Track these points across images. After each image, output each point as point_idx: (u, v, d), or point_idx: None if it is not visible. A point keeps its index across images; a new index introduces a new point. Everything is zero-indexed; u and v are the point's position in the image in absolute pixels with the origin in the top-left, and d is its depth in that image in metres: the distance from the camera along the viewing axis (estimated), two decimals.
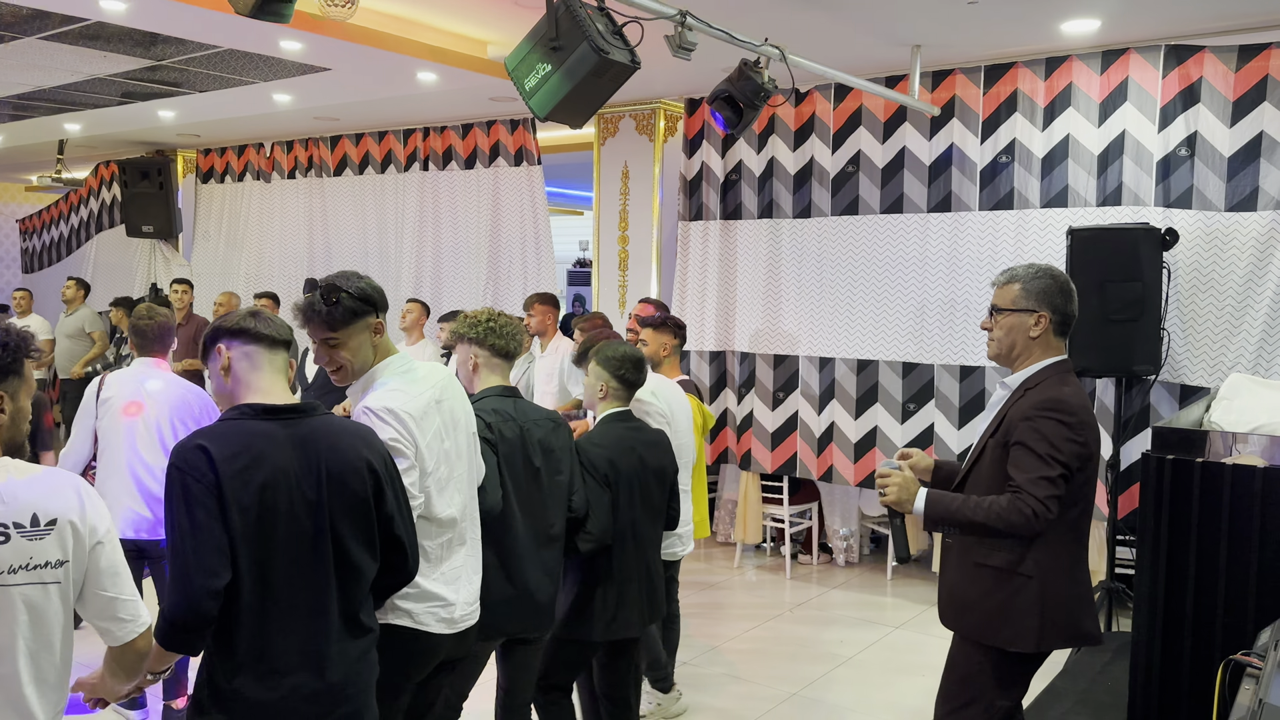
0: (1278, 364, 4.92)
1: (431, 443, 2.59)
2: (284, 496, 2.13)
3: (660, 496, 3.46)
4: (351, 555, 2.23)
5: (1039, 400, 2.68)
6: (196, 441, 2.08)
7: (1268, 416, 3.61)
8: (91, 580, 1.93)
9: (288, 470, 2.14)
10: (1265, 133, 4.92)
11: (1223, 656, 2.59)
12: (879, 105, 6.01)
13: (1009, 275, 2.86)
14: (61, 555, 1.86)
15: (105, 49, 5.76)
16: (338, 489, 2.20)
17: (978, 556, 2.74)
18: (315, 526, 2.17)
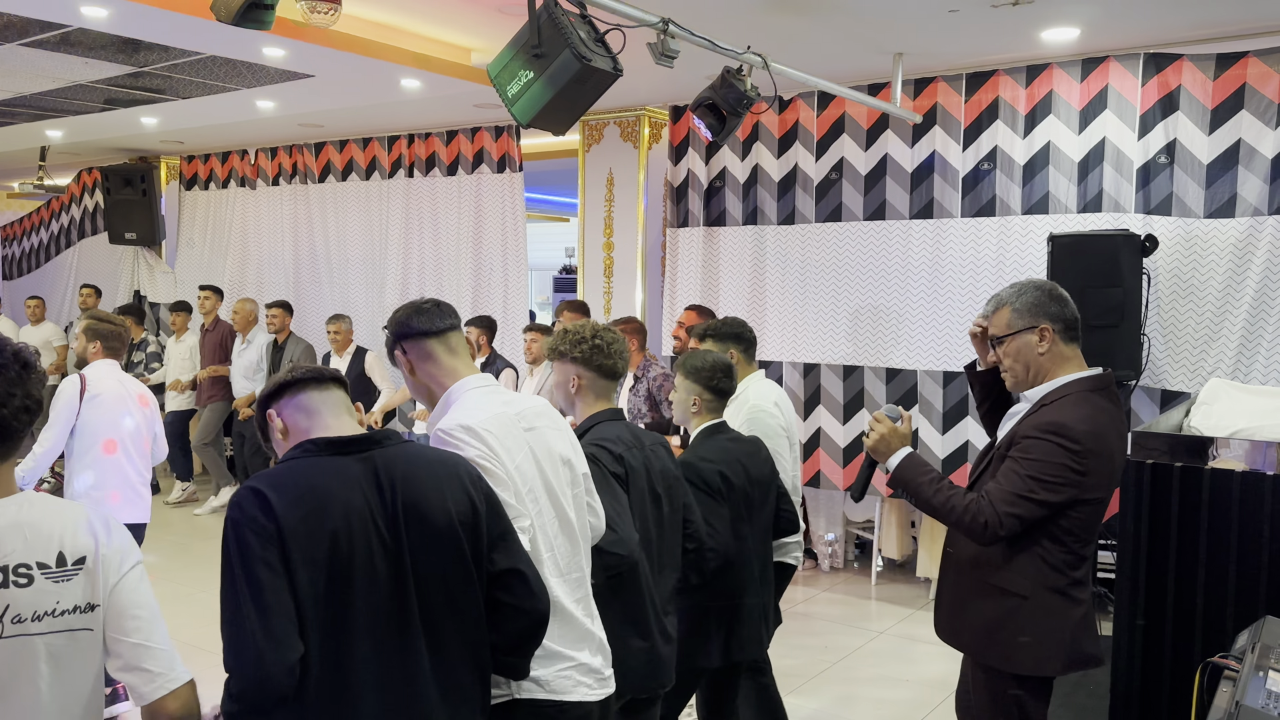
0: (1256, 369, 4.96)
1: (522, 465, 2.24)
2: (361, 544, 1.80)
3: (767, 506, 3.34)
4: (446, 606, 1.89)
5: (1046, 421, 2.58)
6: (252, 485, 1.79)
7: (1246, 421, 3.64)
8: (114, 623, 1.67)
9: (362, 512, 1.82)
10: (1243, 140, 4.97)
11: (1201, 659, 2.61)
12: (862, 113, 6.04)
13: (995, 302, 2.75)
14: (92, 599, 1.65)
15: (87, 56, 5.74)
16: (421, 529, 1.87)
17: (978, 571, 2.68)
18: (397, 582, 1.84)
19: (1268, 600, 3.18)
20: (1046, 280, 2.81)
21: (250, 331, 7.77)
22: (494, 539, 1.99)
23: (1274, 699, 2.16)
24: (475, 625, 1.95)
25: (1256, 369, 4.96)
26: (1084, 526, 2.63)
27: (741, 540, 3.17)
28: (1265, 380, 4.90)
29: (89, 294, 9.21)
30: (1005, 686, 2.67)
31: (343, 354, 7.27)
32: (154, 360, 8.46)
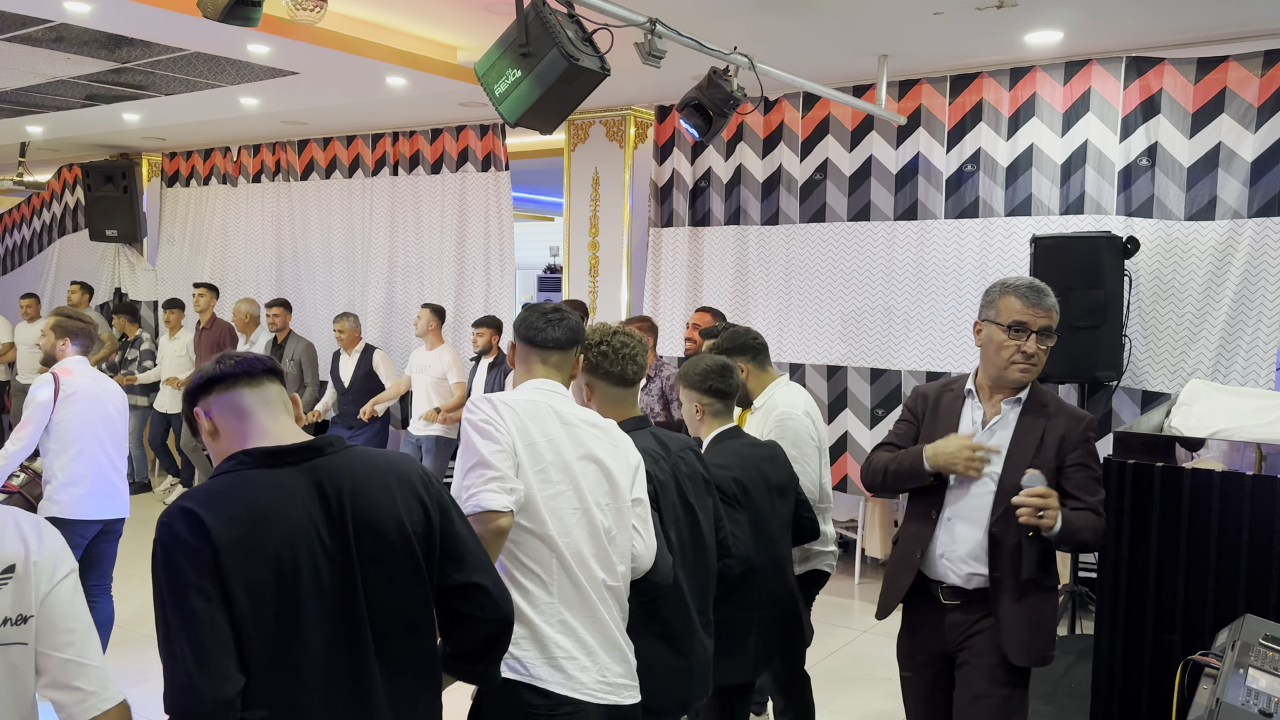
0: (1235, 370, 5.01)
1: (539, 443, 2.25)
2: (306, 563, 1.64)
3: (787, 513, 3.22)
4: (400, 623, 1.77)
5: (1086, 420, 2.83)
6: (181, 504, 1.61)
7: (1226, 422, 3.68)
8: (45, 637, 1.53)
9: (306, 528, 1.66)
10: (1223, 144, 5.02)
11: (1182, 657, 2.63)
12: (846, 114, 6.07)
13: (1051, 299, 2.77)
14: (23, 609, 1.51)
15: (69, 51, 5.70)
16: (371, 543, 1.72)
17: (1044, 581, 2.82)
18: (347, 599, 1.69)
19: (1247, 599, 3.21)
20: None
21: (254, 332, 7.70)
22: (448, 550, 1.85)
23: (1254, 696, 2.18)
24: (429, 639, 1.84)
25: (1236, 370, 5.01)
26: None
27: (763, 548, 3.05)
28: (1244, 381, 4.95)
29: (76, 291, 9.07)
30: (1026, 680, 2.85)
31: (351, 352, 7.22)
32: (147, 359, 8.40)
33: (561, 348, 2.40)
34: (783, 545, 3.19)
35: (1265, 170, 4.91)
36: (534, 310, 2.45)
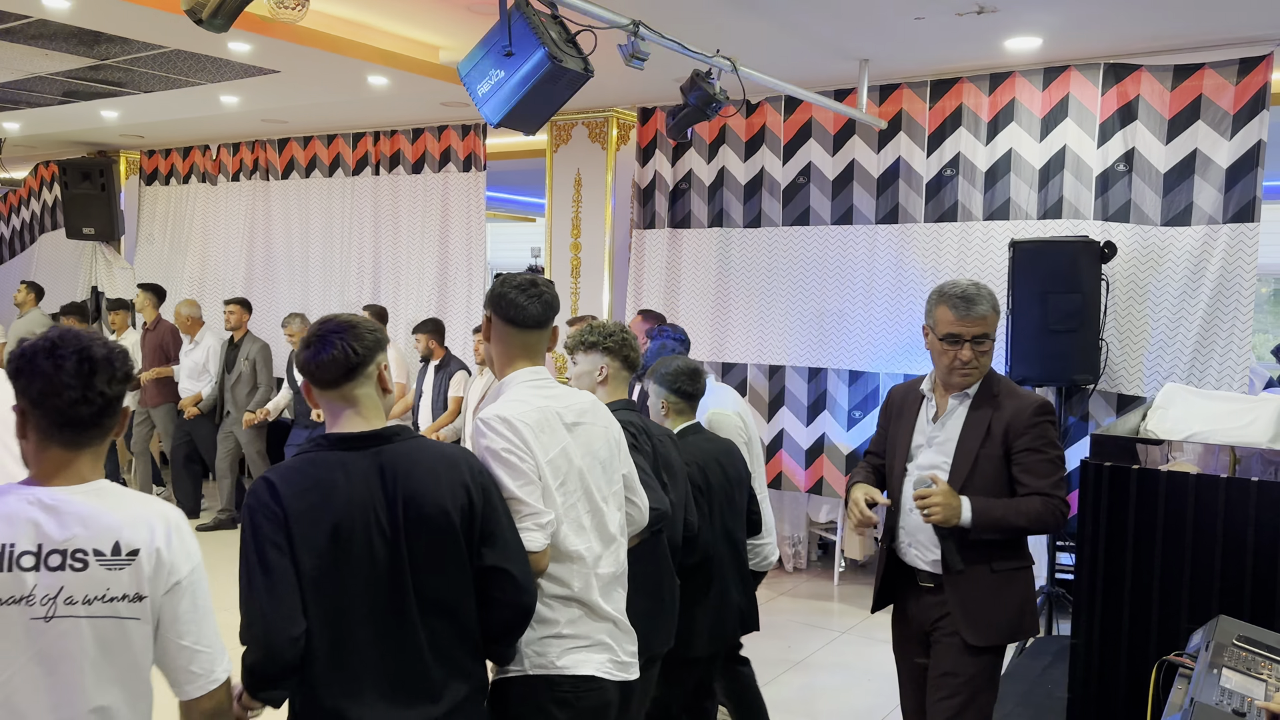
0: (1210, 374, 5.06)
1: (556, 460, 2.34)
2: (360, 537, 1.95)
3: (742, 504, 3.48)
4: (440, 597, 2.03)
5: (1033, 405, 2.85)
6: (266, 475, 1.98)
7: (1201, 425, 3.72)
8: (168, 624, 1.74)
9: (364, 505, 1.96)
10: (1199, 150, 5.07)
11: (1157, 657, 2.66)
12: (829, 118, 6.10)
13: (991, 303, 2.88)
14: (137, 589, 1.70)
15: (47, 47, 5.65)
16: (418, 521, 2.00)
17: (997, 564, 2.86)
18: (394, 567, 1.98)
19: (1221, 600, 3.25)
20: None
21: (198, 333, 7.66)
22: (485, 534, 2.09)
23: (1228, 696, 2.21)
24: (469, 609, 2.09)
25: (1210, 373, 5.06)
26: None
27: (723, 537, 3.32)
28: (1219, 385, 5.01)
29: (22, 290, 8.93)
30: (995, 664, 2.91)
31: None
32: None
33: (541, 326, 2.45)
34: (739, 533, 3.45)
35: (1240, 176, 4.97)
36: (508, 284, 2.43)
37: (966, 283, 2.93)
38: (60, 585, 1.64)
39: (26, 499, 1.68)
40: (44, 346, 1.71)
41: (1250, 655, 2.47)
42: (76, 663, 1.65)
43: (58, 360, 1.69)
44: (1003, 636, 2.89)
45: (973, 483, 2.87)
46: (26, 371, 1.70)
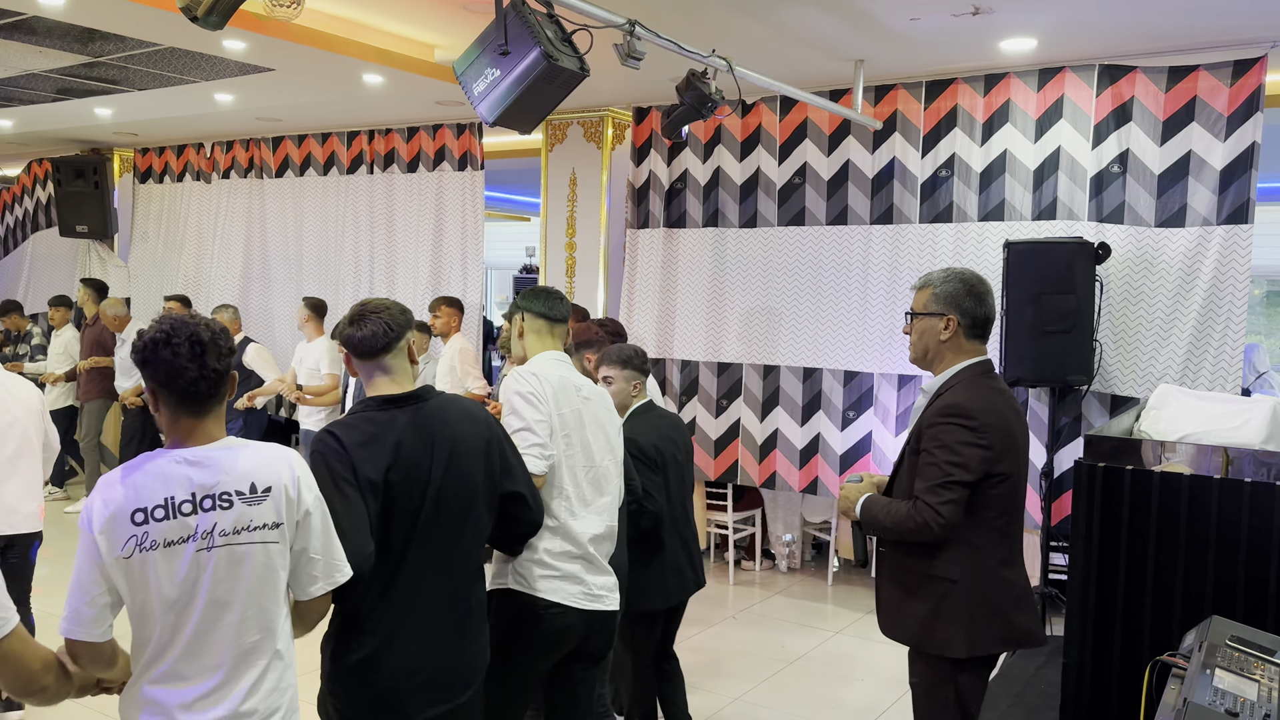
0: (1204, 375, 5.08)
1: (566, 415, 2.94)
2: (409, 475, 2.44)
3: (690, 474, 3.90)
4: (472, 522, 2.57)
5: (941, 406, 2.75)
6: (328, 429, 2.45)
7: (1194, 426, 3.73)
8: (300, 543, 2.16)
9: (411, 450, 2.45)
10: (1193, 152, 5.08)
11: (1150, 658, 2.67)
12: (824, 118, 6.10)
13: (924, 280, 2.93)
14: (275, 518, 2.10)
15: (41, 44, 5.63)
16: (455, 458, 2.52)
17: (909, 564, 2.80)
18: (438, 501, 2.48)
19: (1214, 600, 3.26)
20: (976, 276, 2.90)
21: (126, 329, 7.74)
22: (504, 467, 2.65)
23: (1220, 696, 2.22)
24: (488, 527, 2.65)
25: (1204, 375, 5.08)
26: (1001, 501, 2.75)
27: (675, 503, 3.73)
28: (1212, 386, 5.02)
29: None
30: (945, 674, 2.77)
31: None
32: (39, 352, 8.48)
33: (565, 320, 3.12)
34: (689, 500, 3.86)
35: (1234, 178, 4.98)
36: (540, 291, 3.08)
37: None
38: (215, 522, 2.04)
39: (174, 459, 2.06)
40: (160, 338, 2.04)
41: (1243, 656, 2.47)
42: (236, 580, 2.06)
43: (174, 348, 2.03)
44: (906, 638, 2.83)
45: (897, 481, 2.90)
46: (151, 360, 2.04)
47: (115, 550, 1.98)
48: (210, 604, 2.03)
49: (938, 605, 2.74)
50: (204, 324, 2.09)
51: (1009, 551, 2.81)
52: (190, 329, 2.05)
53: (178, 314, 2.12)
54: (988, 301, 2.87)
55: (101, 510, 1.99)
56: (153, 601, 2.00)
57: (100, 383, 7.94)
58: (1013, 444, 2.77)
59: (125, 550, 1.98)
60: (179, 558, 2.01)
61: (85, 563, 1.99)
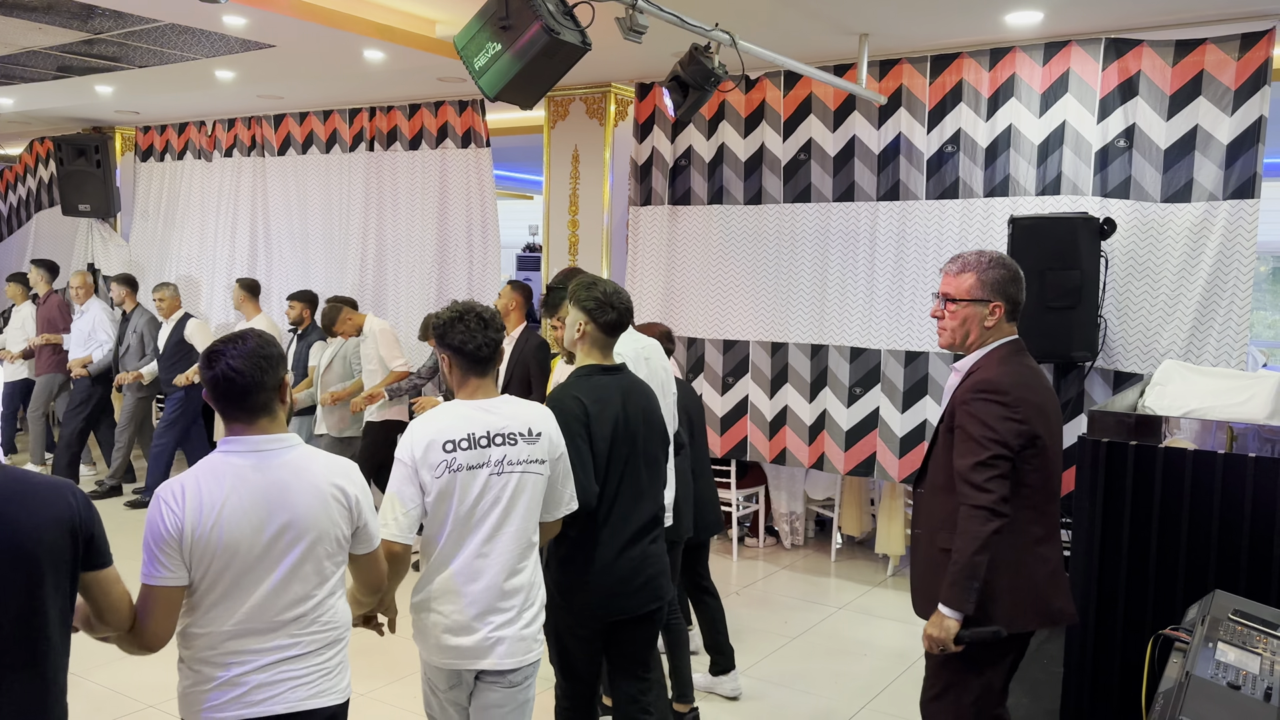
0: (1208, 351, 5.06)
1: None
2: (623, 430, 3.01)
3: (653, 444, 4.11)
4: (660, 470, 3.17)
5: (973, 383, 2.74)
6: (573, 392, 2.99)
7: (1198, 402, 3.72)
8: (554, 476, 2.80)
9: (623, 410, 3.03)
10: (1200, 126, 5.05)
11: (1153, 632, 2.67)
12: (829, 94, 6.06)
13: (961, 264, 2.86)
14: (544, 456, 2.75)
15: (41, 21, 5.60)
16: (649, 423, 3.11)
17: (941, 542, 2.76)
18: (639, 452, 3.05)
19: (1217, 575, 3.26)
20: (1010, 259, 2.88)
21: (85, 301, 8.01)
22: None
23: (1223, 669, 2.22)
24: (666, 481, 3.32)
25: (1208, 351, 5.06)
26: (1036, 477, 2.72)
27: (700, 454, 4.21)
28: (1216, 361, 5.01)
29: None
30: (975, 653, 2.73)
31: (168, 319, 7.56)
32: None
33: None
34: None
35: (1240, 153, 4.95)
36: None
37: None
38: (504, 454, 2.68)
39: (471, 408, 2.70)
40: (457, 316, 2.71)
41: (1246, 629, 2.48)
42: (515, 498, 2.69)
43: (466, 324, 2.69)
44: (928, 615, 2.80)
45: (933, 459, 2.87)
46: (448, 334, 2.70)
47: (429, 471, 2.59)
48: (504, 516, 2.67)
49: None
50: (483, 307, 2.73)
51: (1045, 529, 2.77)
52: (476, 311, 2.71)
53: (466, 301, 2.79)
54: (1024, 285, 2.88)
55: (420, 441, 2.60)
56: (450, 514, 2.62)
57: (52, 357, 8.26)
58: (1045, 420, 2.75)
59: (437, 471, 2.60)
60: (478, 479, 2.64)
61: (405, 484, 2.60)
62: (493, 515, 2.65)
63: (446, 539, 2.62)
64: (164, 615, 2.16)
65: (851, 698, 4.49)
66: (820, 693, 4.54)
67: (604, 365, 3.08)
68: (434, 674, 2.68)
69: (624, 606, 3.02)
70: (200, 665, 2.21)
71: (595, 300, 3.06)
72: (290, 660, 2.24)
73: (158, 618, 2.15)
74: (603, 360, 3.13)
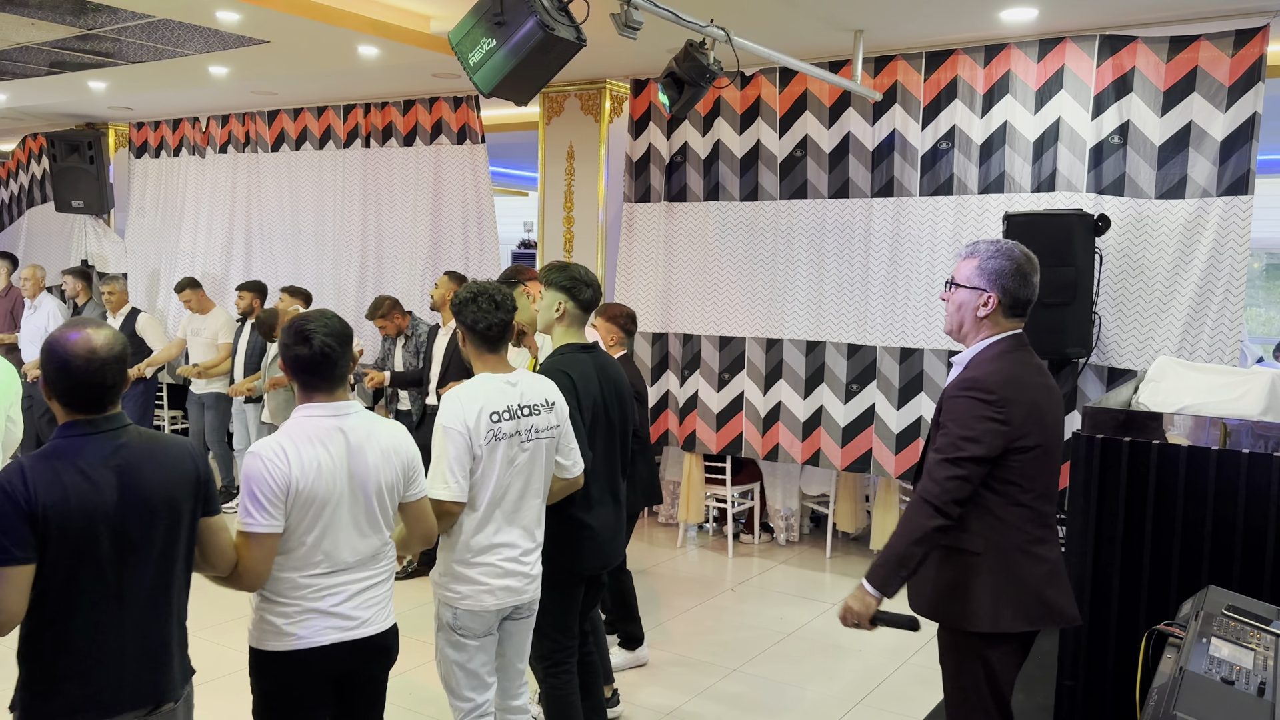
0: (1201, 347, 5.07)
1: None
2: (600, 404, 3.31)
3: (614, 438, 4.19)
4: (626, 440, 3.45)
5: (962, 380, 2.68)
6: (561, 368, 3.23)
7: (1192, 398, 3.73)
8: (565, 438, 3.13)
9: (599, 386, 3.31)
10: (1194, 123, 5.05)
11: (1147, 627, 2.68)
12: (824, 90, 6.06)
13: (971, 249, 2.81)
14: (558, 422, 3.08)
15: (34, 16, 5.58)
16: (620, 397, 3.40)
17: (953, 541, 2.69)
18: (614, 422, 3.36)
19: (1211, 570, 3.27)
20: (1024, 254, 2.77)
21: (38, 297, 8.04)
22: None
23: (1217, 664, 2.23)
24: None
25: (1201, 347, 5.07)
26: (1028, 477, 2.65)
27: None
28: (1210, 358, 5.02)
29: None
30: (973, 650, 2.69)
31: (116, 314, 7.64)
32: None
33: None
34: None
35: (1234, 149, 4.96)
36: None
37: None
38: (532, 424, 2.99)
39: (500, 381, 2.98)
40: (471, 296, 2.96)
41: (1239, 625, 2.49)
42: (536, 463, 3.02)
43: (479, 304, 2.94)
44: (930, 611, 2.76)
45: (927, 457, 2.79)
46: (463, 312, 2.96)
47: (479, 439, 2.87)
48: (529, 478, 2.99)
49: (962, 579, 2.66)
50: (495, 288, 2.97)
51: (1040, 528, 2.70)
52: (489, 292, 2.96)
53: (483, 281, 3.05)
54: (1032, 282, 2.75)
55: (471, 411, 2.88)
56: (493, 478, 2.91)
57: (9, 355, 8.19)
58: (1039, 418, 2.65)
59: (485, 439, 2.89)
60: (514, 446, 2.95)
61: (462, 451, 2.86)
62: (524, 476, 2.99)
63: (490, 500, 2.92)
64: (263, 559, 2.45)
65: (846, 694, 4.49)
66: (815, 689, 4.55)
67: (582, 344, 3.33)
68: (472, 624, 2.96)
69: (603, 563, 3.40)
70: (293, 600, 2.52)
71: (572, 279, 3.31)
72: (366, 590, 2.60)
73: (260, 559, 2.44)
74: (579, 339, 3.38)
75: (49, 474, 2.09)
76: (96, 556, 2.12)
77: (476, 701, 3.02)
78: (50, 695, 2.14)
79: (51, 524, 2.06)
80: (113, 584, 2.16)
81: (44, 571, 2.08)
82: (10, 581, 2.04)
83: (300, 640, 2.51)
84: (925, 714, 4.27)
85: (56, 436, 2.19)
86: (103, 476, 2.13)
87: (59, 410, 2.21)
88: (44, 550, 2.07)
